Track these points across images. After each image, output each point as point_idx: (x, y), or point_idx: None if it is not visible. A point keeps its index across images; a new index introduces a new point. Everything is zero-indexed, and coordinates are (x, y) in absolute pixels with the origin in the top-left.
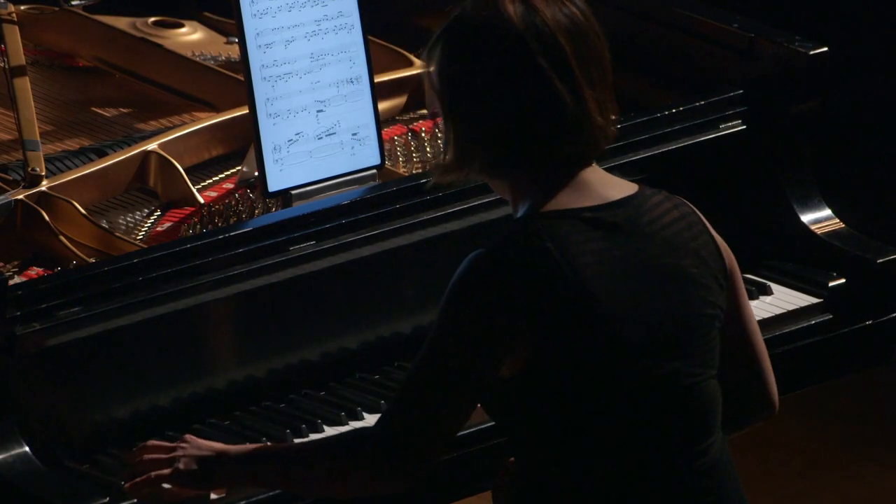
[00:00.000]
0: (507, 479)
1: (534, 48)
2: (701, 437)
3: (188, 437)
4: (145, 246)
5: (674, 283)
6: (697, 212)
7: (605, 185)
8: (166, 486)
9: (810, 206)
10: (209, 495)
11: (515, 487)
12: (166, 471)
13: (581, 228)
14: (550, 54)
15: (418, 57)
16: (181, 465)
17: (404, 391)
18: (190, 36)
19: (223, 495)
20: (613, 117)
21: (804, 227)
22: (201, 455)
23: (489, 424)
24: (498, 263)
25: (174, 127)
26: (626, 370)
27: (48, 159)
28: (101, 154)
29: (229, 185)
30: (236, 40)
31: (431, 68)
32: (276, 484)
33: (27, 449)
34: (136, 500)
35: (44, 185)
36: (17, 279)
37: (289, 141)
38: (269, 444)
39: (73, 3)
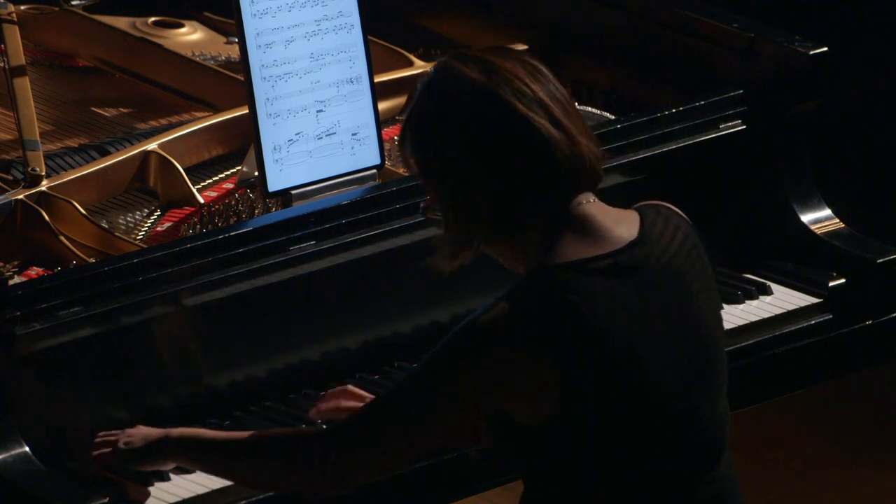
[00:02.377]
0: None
1: (506, 96)
2: (711, 466)
3: (137, 426)
4: (145, 246)
5: (689, 314)
6: (687, 220)
7: (612, 222)
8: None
9: (810, 206)
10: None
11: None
12: (107, 449)
13: (601, 280)
14: (523, 97)
15: (418, 57)
16: (121, 444)
17: (378, 407)
18: (190, 36)
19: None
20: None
21: (804, 227)
22: (145, 434)
23: None
24: (525, 318)
25: (174, 127)
26: (649, 413)
27: (48, 156)
28: (102, 151)
29: (229, 185)
30: (236, 40)
31: (408, 158)
32: (216, 472)
33: (27, 449)
34: (136, 501)
35: (44, 185)
36: (17, 279)
37: (289, 141)
38: (214, 432)
39: (73, 3)
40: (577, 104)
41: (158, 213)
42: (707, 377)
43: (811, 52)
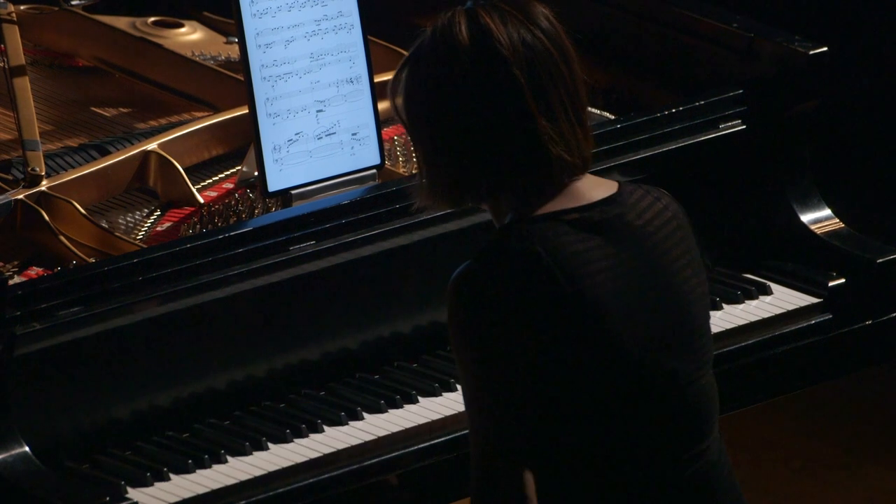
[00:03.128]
0: None
1: (480, 77)
2: (698, 439)
3: None
4: (145, 246)
5: (665, 279)
6: (678, 204)
7: (589, 187)
8: None
9: (810, 206)
10: None
11: None
12: None
13: (568, 230)
14: (497, 83)
15: None
16: None
17: (475, 427)
18: (190, 36)
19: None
20: (585, 144)
21: (804, 227)
22: None
23: None
24: (488, 274)
25: (174, 127)
26: (623, 370)
27: (48, 156)
28: (102, 151)
29: (229, 185)
30: (236, 40)
31: (397, 99)
32: None
33: (27, 449)
34: (133, 500)
35: (44, 185)
36: (17, 279)
37: (289, 141)
38: None
39: (73, 2)
40: None
41: (158, 213)
42: (686, 345)
43: (811, 52)
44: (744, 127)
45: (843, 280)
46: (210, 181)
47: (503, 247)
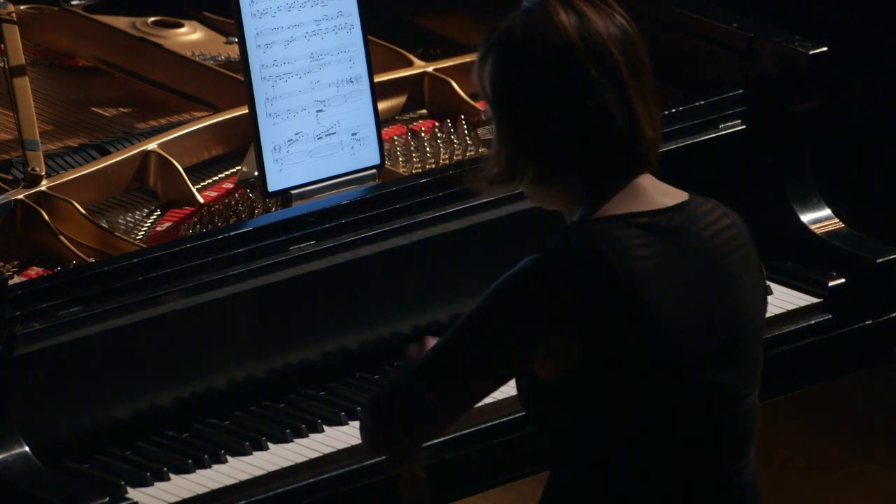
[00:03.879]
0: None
1: (587, 60)
2: (739, 456)
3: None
4: (145, 246)
5: (726, 292)
6: (742, 221)
7: (658, 192)
8: None
9: (810, 205)
10: None
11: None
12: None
13: (636, 234)
14: (603, 67)
15: (418, 57)
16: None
17: (422, 364)
18: (190, 36)
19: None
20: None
21: (804, 227)
22: None
23: (488, 425)
24: (554, 267)
25: (174, 127)
26: (673, 378)
27: (48, 156)
28: (102, 151)
29: (229, 185)
30: (236, 40)
31: (484, 78)
32: None
33: (27, 449)
34: (133, 500)
35: (43, 185)
36: (17, 279)
37: (289, 141)
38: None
39: (73, 2)
40: None
41: (158, 212)
42: (737, 363)
43: (811, 52)
44: (744, 127)
45: (843, 280)
46: (210, 181)
47: (571, 243)
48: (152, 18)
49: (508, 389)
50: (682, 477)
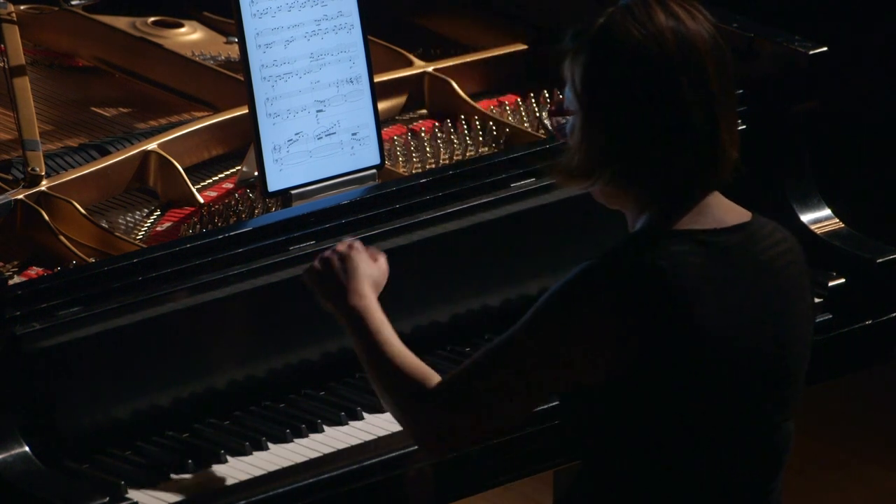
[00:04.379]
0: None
1: (681, 71)
2: (770, 478)
3: (356, 246)
4: (145, 246)
5: (777, 318)
6: (800, 246)
7: (723, 210)
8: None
9: (810, 206)
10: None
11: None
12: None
13: (697, 251)
14: (696, 80)
15: (418, 57)
16: (317, 264)
17: (476, 367)
18: (190, 36)
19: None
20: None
21: (804, 226)
22: (336, 280)
23: None
24: (610, 275)
25: (174, 127)
26: (716, 398)
27: (48, 156)
28: (102, 151)
29: (229, 185)
30: (236, 40)
31: (574, 72)
32: (361, 361)
33: (27, 449)
34: (133, 500)
35: (43, 185)
36: (17, 279)
37: (289, 141)
38: (381, 334)
39: (73, 2)
40: None
41: (158, 212)
42: (779, 388)
43: (811, 52)
44: (744, 127)
45: (843, 280)
46: (210, 181)
47: (631, 254)
48: (152, 18)
49: None
50: (714, 493)
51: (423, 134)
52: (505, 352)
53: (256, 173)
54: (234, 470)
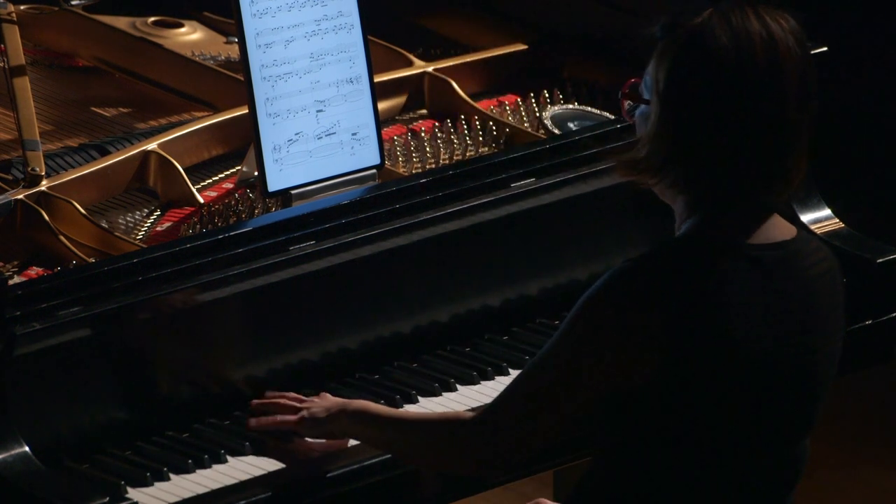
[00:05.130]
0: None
1: (764, 87)
2: (787, 493)
3: (322, 394)
4: (145, 246)
5: (811, 337)
6: (839, 264)
7: (770, 225)
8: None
9: (810, 206)
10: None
11: None
12: (292, 417)
13: (737, 265)
14: (775, 103)
15: (418, 57)
16: (306, 414)
17: (515, 387)
18: (190, 36)
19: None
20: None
21: (804, 227)
22: (327, 406)
23: None
24: (646, 279)
25: (174, 127)
26: (743, 411)
27: (48, 156)
28: (102, 151)
29: (229, 185)
30: (236, 40)
31: (660, 69)
32: (380, 447)
33: (27, 449)
34: (133, 500)
35: (43, 185)
36: (17, 279)
37: (288, 141)
38: (383, 409)
39: (73, 2)
40: (576, 104)
41: (158, 212)
42: (802, 408)
43: (811, 52)
44: None
45: (843, 280)
46: (210, 181)
47: (671, 259)
48: (152, 18)
49: None
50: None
51: (423, 134)
52: (541, 364)
53: (256, 173)
54: (235, 470)
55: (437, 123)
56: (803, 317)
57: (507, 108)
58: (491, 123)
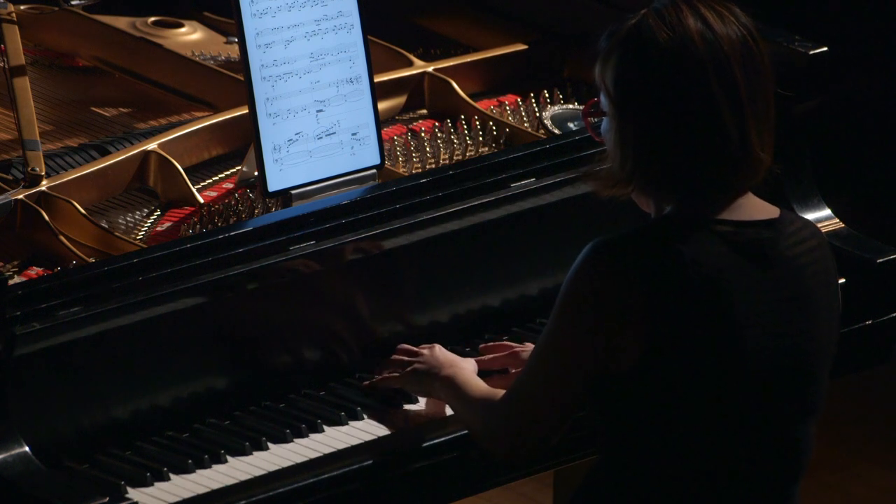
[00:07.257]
0: None
1: (711, 75)
2: (791, 483)
3: (434, 346)
4: (145, 246)
5: (802, 316)
6: (828, 242)
7: (749, 204)
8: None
9: (810, 206)
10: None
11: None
12: (396, 375)
13: (718, 242)
14: (725, 84)
15: (418, 57)
16: (409, 372)
17: (524, 371)
18: (190, 36)
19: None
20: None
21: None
22: (429, 366)
23: None
24: (623, 253)
25: (174, 127)
26: (735, 391)
27: (48, 156)
28: (102, 151)
29: (229, 185)
30: (236, 40)
31: (606, 75)
32: (459, 419)
33: (27, 449)
34: (133, 500)
35: (43, 185)
36: (17, 279)
37: (288, 141)
38: (465, 381)
39: (73, 2)
40: (576, 104)
41: (158, 212)
42: (798, 389)
43: (811, 52)
44: None
45: (842, 280)
46: (210, 181)
47: (651, 237)
48: (152, 18)
49: None
50: (732, 493)
51: (423, 134)
52: (542, 345)
53: (256, 173)
54: (234, 470)
55: (437, 123)
56: (790, 298)
57: (507, 108)
58: (491, 123)
